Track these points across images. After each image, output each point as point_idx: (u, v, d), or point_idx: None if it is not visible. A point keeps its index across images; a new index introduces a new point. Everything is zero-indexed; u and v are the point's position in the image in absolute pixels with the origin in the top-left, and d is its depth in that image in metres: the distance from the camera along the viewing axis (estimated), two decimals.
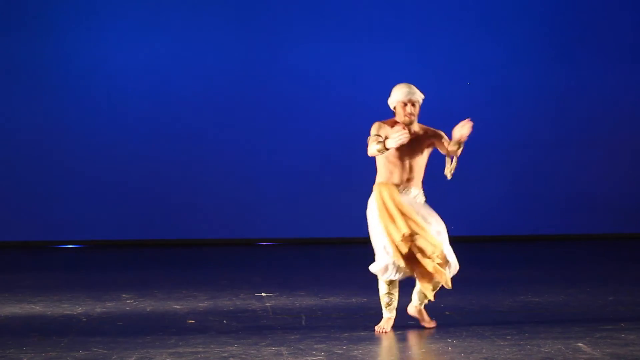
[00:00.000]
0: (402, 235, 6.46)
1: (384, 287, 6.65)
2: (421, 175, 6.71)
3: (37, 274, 10.22)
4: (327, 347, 6.05)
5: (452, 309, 7.49)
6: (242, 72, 13.23)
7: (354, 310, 7.55)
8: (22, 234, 13.05)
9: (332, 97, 13.27)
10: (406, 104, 6.62)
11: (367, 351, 5.98)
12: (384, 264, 6.55)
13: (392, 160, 6.62)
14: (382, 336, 6.48)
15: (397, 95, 6.64)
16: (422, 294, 6.70)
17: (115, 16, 13.06)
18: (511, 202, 13.51)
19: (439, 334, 6.49)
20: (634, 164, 13.70)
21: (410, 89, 6.63)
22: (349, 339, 6.30)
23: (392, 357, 6.02)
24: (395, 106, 6.67)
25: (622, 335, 6.37)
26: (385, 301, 6.65)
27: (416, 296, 6.76)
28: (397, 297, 6.67)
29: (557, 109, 13.59)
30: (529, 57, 13.51)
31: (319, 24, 13.28)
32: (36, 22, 12.97)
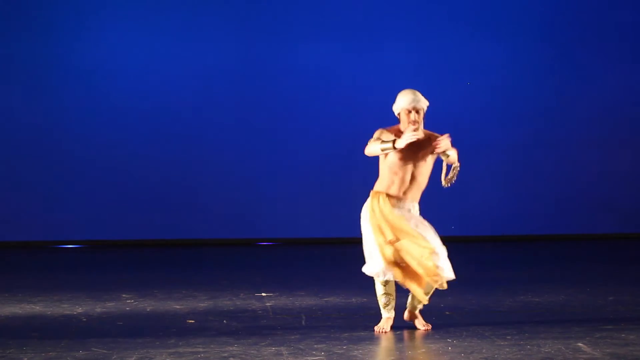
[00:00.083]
0: (388, 240, 6.47)
1: (380, 288, 6.65)
2: (422, 186, 6.64)
3: (37, 274, 10.22)
4: (327, 347, 6.05)
5: (452, 309, 7.49)
6: (242, 72, 13.23)
7: (354, 310, 7.55)
8: (22, 234, 13.05)
9: (332, 97, 13.27)
10: (410, 111, 6.57)
11: (367, 351, 5.99)
12: (374, 266, 6.57)
13: (395, 169, 6.57)
14: (382, 336, 6.49)
15: (402, 102, 6.60)
16: (416, 299, 6.69)
17: (115, 16, 13.06)
18: (511, 202, 13.51)
19: (439, 334, 6.49)
20: (633, 164, 13.69)
21: (415, 96, 6.58)
22: (349, 339, 6.30)
23: (392, 357, 6.02)
24: (399, 113, 6.63)
25: (622, 335, 6.37)
26: (382, 301, 6.65)
27: (410, 301, 6.76)
28: (394, 297, 6.66)
29: (557, 109, 13.59)
30: (529, 57, 13.51)
31: (319, 24, 13.28)
32: (36, 22, 12.97)
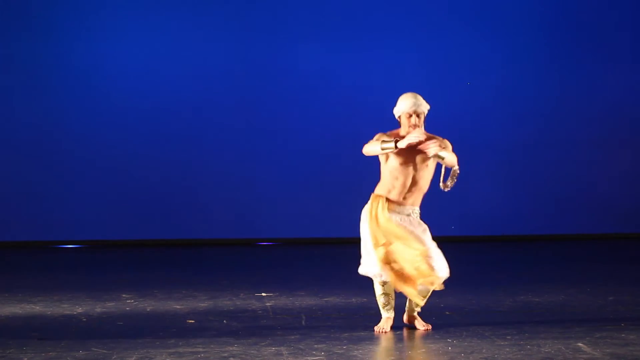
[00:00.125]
0: (381, 244, 6.48)
1: (379, 288, 6.65)
2: (424, 191, 6.63)
3: (37, 274, 10.22)
4: (327, 347, 6.05)
5: (452, 309, 7.49)
6: (242, 72, 13.22)
7: (354, 310, 7.55)
8: (22, 234, 13.05)
9: (332, 97, 13.26)
10: (411, 115, 6.55)
11: (367, 351, 5.99)
12: (370, 267, 6.57)
13: (396, 174, 6.55)
14: (382, 336, 6.49)
15: (403, 106, 6.57)
16: (413, 302, 6.69)
17: (115, 16, 13.05)
18: (511, 202, 13.50)
19: (439, 334, 6.49)
20: (634, 164, 13.69)
21: (416, 100, 6.55)
22: (349, 339, 6.30)
23: (392, 357, 6.02)
24: (400, 116, 6.61)
25: (622, 335, 6.37)
26: (381, 302, 6.65)
27: (408, 304, 6.75)
28: (393, 297, 6.66)
29: (557, 109, 13.59)
30: (529, 57, 13.51)
31: (319, 24, 13.28)
32: (36, 22, 12.97)
